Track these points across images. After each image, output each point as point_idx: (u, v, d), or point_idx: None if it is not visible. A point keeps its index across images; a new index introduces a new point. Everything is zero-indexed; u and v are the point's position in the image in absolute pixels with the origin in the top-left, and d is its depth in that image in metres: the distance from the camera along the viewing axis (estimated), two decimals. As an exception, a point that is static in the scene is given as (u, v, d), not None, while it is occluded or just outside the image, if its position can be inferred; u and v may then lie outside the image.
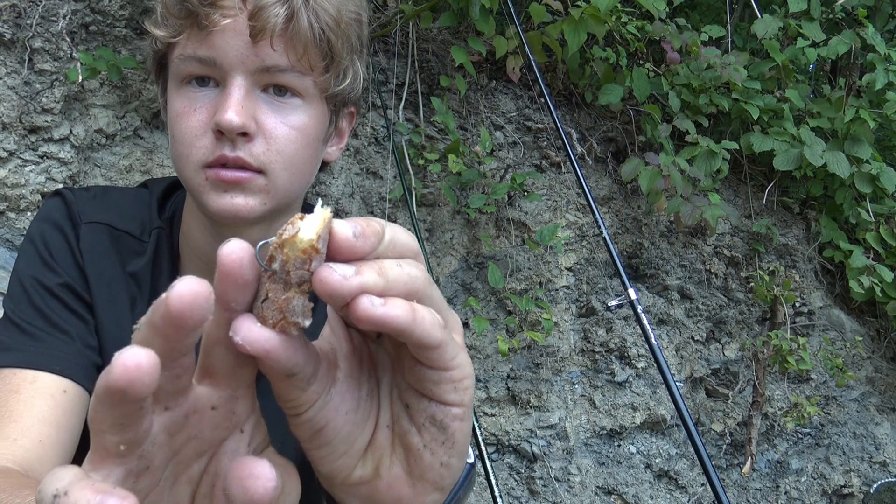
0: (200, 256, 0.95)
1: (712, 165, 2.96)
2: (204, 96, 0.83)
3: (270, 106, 0.83)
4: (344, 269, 0.38)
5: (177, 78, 0.84)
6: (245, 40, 0.79)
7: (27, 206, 1.98)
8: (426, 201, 2.66)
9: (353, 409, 0.47)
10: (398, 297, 0.40)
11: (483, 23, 2.54)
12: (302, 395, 0.43)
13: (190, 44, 0.81)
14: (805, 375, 3.51)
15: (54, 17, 2.00)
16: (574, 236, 2.96)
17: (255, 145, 0.82)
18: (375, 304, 0.39)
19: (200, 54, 0.81)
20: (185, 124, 0.83)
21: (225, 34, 0.79)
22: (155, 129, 2.22)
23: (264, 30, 0.78)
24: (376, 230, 0.41)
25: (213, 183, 0.83)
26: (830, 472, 3.50)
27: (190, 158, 0.83)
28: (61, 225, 0.92)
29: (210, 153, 0.82)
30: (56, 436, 0.80)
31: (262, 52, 0.80)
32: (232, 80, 0.81)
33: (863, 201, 3.46)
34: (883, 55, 3.32)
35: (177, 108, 0.84)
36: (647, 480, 3.06)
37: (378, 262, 0.40)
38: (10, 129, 1.94)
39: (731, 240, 3.39)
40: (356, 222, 0.40)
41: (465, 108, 2.84)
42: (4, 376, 0.83)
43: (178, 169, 0.86)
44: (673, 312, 3.20)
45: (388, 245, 0.41)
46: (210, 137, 0.82)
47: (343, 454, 0.47)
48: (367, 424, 0.48)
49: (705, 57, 3.06)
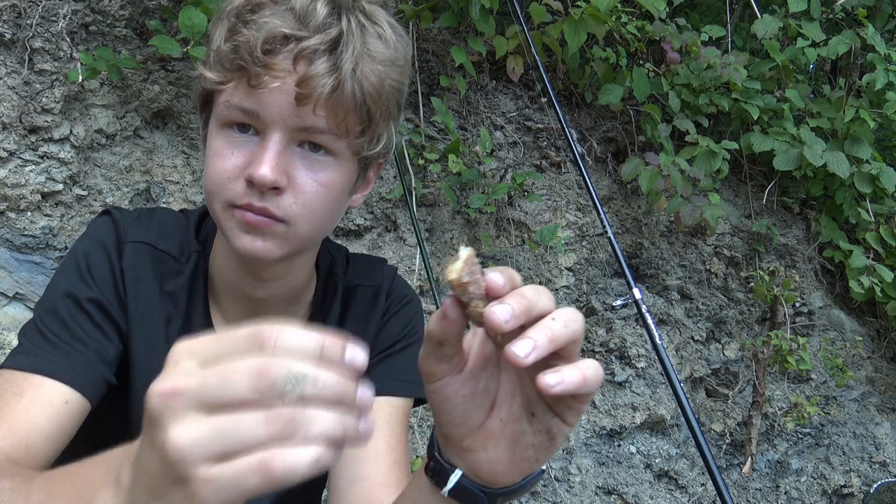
0: (226, 281, 1.00)
1: (712, 165, 2.96)
2: (243, 142, 0.86)
3: (303, 161, 0.87)
4: (524, 345, 0.53)
5: (219, 120, 0.87)
6: (289, 100, 0.82)
7: (27, 206, 1.98)
8: (426, 201, 2.66)
9: (470, 395, 0.62)
10: (569, 365, 0.55)
11: (483, 23, 2.54)
12: (437, 366, 0.60)
13: (237, 94, 0.84)
14: (805, 375, 3.51)
15: (54, 17, 2.00)
16: (574, 236, 2.96)
17: (283, 198, 0.86)
18: (551, 383, 0.54)
19: (245, 106, 0.84)
20: (221, 165, 0.86)
21: (272, 92, 0.82)
22: (155, 129, 2.22)
23: (310, 97, 0.82)
24: (513, 277, 0.57)
25: (239, 222, 0.87)
26: (830, 472, 3.51)
27: (220, 197, 0.87)
28: (105, 243, 0.95)
29: (239, 197, 0.86)
30: (42, 444, 0.83)
31: (304, 114, 0.83)
32: (271, 134, 0.84)
33: (863, 201, 3.46)
34: (883, 55, 3.32)
35: (215, 148, 0.88)
36: (647, 480, 3.06)
37: (549, 328, 0.54)
38: (10, 129, 1.94)
39: (731, 240, 3.39)
40: (503, 273, 0.56)
41: (465, 108, 2.84)
42: (14, 378, 0.86)
43: (208, 202, 0.91)
44: (673, 312, 3.20)
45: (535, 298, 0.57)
46: (242, 183, 0.85)
47: (458, 425, 0.63)
48: (480, 410, 0.63)
49: (705, 57, 3.06)
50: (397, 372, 1.06)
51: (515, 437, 0.62)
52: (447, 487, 0.66)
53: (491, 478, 0.65)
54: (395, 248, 2.59)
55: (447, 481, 0.66)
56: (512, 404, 0.63)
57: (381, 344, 1.07)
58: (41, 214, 2.01)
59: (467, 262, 0.54)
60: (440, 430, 0.66)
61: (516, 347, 0.53)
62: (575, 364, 0.56)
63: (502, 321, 0.53)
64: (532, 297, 0.55)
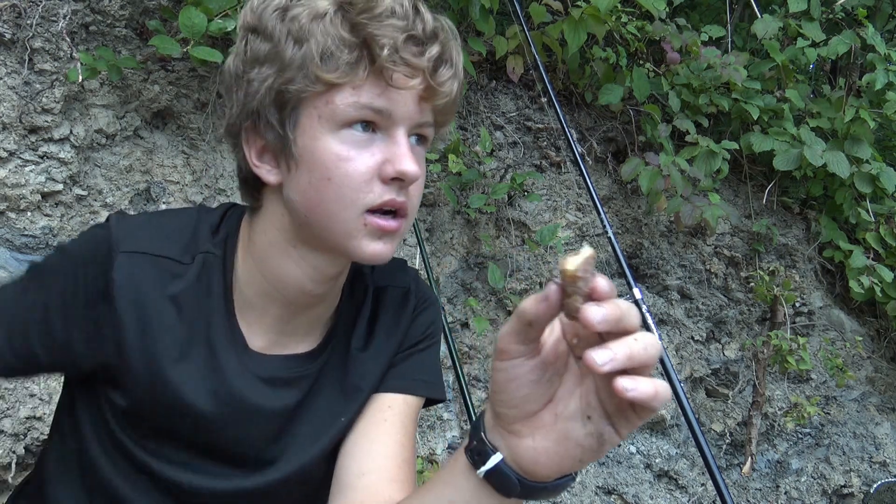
0: (276, 286, 0.97)
1: (712, 165, 2.96)
2: (367, 142, 0.86)
3: (416, 154, 0.90)
4: (604, 354, 0.56)
5: (337, 122, 0.85)
6: (416, 97, 0.85)
7: (27, 206, 1.98)
8: (426, 201, 2.66)
9: (534, 382, 0.64)
10: (646, 378, 0.58)
11: (483, 23, 2.54)
12: (516, 346, 0.63)
13: (365, 93, 0.84)
14: (805, 375, 3.52)
15: (54, 17, 2.00)
16: (574, 236, 2.96)
17: (409, 191, 0.89)
18: (628, 387, 0.56)
19: (377, 105, 0.84)
20: (353, 168, 0.85)
21: (403, 91, 0.85)
22: (155, 129, 2.22)
23: (437, 96, 0.86)
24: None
25: (372, 230, 0.87)
26: (830, 472, 3.50)
27: (355, 202, 0.86)
28: (90, 258, 0.94)
29: (378, 197, 0.86)
30: None
31: (424, 111, 0.88)
32: (399, 130, 0.86)
33: (863, 201, 3.46)
34: (883, 55, 3.32)
35: (338, 152, 0.86)
36: (647, 480, 3.06)
37: (630, 346, 0.57)
38: (10, 129, 1.94)
39: (731, 240, 3.39)
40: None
41: (465, 108, 2.84)
42: None
43: (327, 211, 0.87)
44: (673, 312, 3.20)
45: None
46: (378, 183, 0.86)
47: (514, 407, 0.65)
48: (539, 399, 0.65)
49: (705, 57, 3.06)
50: (416, 371, 1.07)
51: (566, 433, 0.64)
52: (486, 467, 0.68)
53: (532, 467, 0.66)
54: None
55: (486, 461, 0.68)
56: (569, 403, 0.65)
57: (407, 342, 1.08)
58: (41, 214, 2.01)
59: (587, 260, 0.58)
60: (494, 408, 0.68)
61: (597, 354, 0.56)
62: (651, 378, 0.59)
63: (596, 320, 0.56)
64: (625, 311, 0.59)
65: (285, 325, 1.00)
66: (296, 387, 1.01)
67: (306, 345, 1.03)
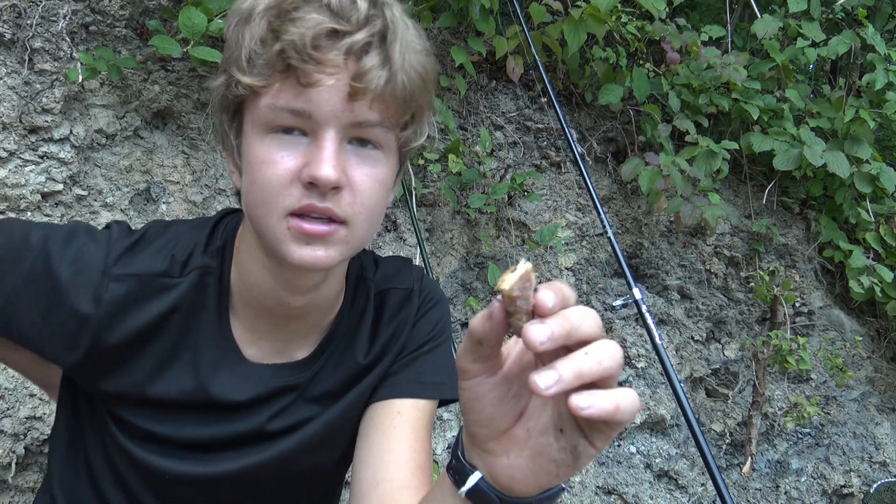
0: (257, 296, 0.96)
1: (712, 165, 2.96)
2: (292, 145, 0.83)
3: (356, 158, 0.85)
4: (548, 377, 0.53)
5: (262, 126, 0.83)
6: (341, 96, 0.80)
7: (27, 206, 1.98)
8: (426, 201, 2.66)
9: (499, 399, 0.63)
10: (603, 391, 0.55)
11: (483, 23, 2.54)
12: (472, 364, 0.61)
13: (283, 95, 0.81)
14: (805, 375, 3.52)
15: (54, 17, 2.00)
16: (574, 236, 2.96)
17: (342, 197, 0.83)
18: (582, 405, 0.54)
19: (295, 106, 0.81)
20: (272, 172, 0.82)
21: (323, 90, 0.80)
22: (155, 129, 2.22)
23: (366, 91, 0.80)
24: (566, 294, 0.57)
25: (296, 234, 0.83)
26: (830, 472, 3.50)
27: (275, 206, 0.83)
28: (88, 265, 0.91)
29: (297, 201, 0.82)
30: None
31: (357, 109, 0.81)
32: (325, 133, 0.81)
33: (863, 201, 3.46)
34: (883, 55, 3.32)
35: (261, 156, 0.83)
36: (647, 480, 3.06)
37: (578, 364, 0.54)
38: (10, 129, 1.94)
39: (731, 240, 3.39)
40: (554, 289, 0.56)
41: (465, 108, 2.84)
42: None
43: (256, 215, 0.86)
44: (673, 312, 3.20)
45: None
46: (298, 187, 0.82)
47: (484, 426, 0.64)
48: (507, 416, 0.64)
49: (705, 57, 3.06)
50: (423, 374, 1.05)
51: (539, 449, 0.63)
52: (465, 488, 0.67)
53: (509, 485, 0.65)
54: (395, 248, 2.59)
55: (465, 481, 0.67)
56: (541, 417, 0.63)
57: (410, 346, 1.06)
58: (41, 214, 2.01)
59: (523, 277, 0.55)
60: (467, 428, 0.67)
61: (539, 377, 0.53)
62: (610, 391, 0.55)
63: (538, 342, 0.53)
64: (576, 322, 0.55)
65: (279, 334, 0.99)
66: (286, 395, 1.01)
67: (303, 351, 1.02)
